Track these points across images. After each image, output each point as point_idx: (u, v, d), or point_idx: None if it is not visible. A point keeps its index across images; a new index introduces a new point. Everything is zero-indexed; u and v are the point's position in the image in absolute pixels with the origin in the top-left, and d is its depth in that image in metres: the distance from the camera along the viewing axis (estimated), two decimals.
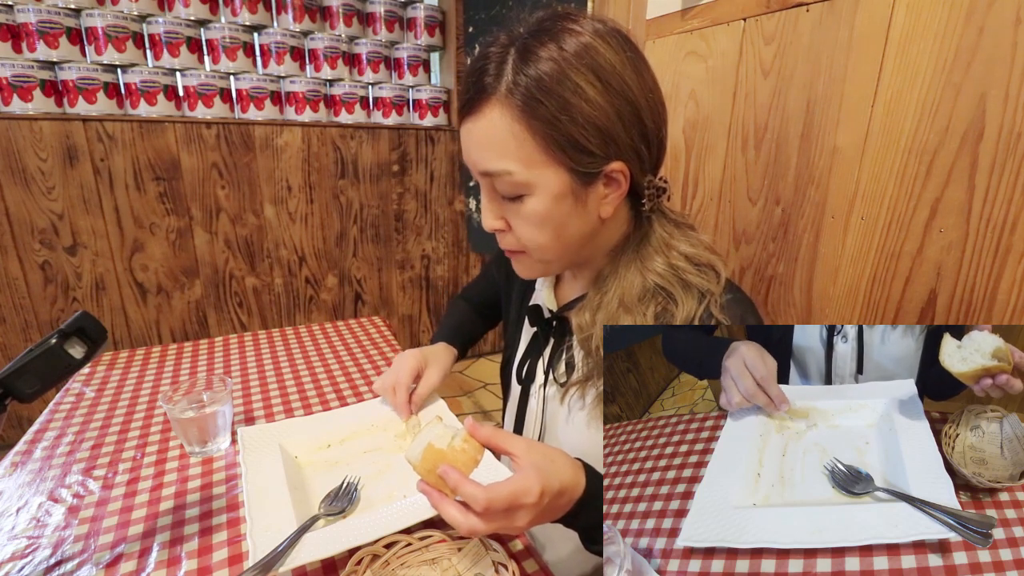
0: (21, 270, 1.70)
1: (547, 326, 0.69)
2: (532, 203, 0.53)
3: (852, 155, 0.92)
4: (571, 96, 0.49)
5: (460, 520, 0.46)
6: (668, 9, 1.26)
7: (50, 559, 0.54)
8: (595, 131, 0.50)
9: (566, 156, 0.51)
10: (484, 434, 0.49)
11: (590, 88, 0.49)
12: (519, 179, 0.52)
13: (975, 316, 0.79)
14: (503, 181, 0.53)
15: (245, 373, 0.95)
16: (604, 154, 0.52)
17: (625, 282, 0.58)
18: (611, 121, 0.51)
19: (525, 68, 0.49)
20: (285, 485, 0.60)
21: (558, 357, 0.67)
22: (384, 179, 2.22)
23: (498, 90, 0.50)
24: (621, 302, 0.57)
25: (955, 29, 0.77)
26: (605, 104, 0.50)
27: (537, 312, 0.71)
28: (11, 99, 1.62)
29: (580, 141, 0.50)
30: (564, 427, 0.66)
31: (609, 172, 0.53)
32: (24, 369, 0.45)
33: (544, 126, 0.49)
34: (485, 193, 0.58)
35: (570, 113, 0.49)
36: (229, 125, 1.89)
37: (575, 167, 0.52)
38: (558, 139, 0.50)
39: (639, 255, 0.58)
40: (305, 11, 1.99)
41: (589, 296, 0.61)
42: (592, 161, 0.52)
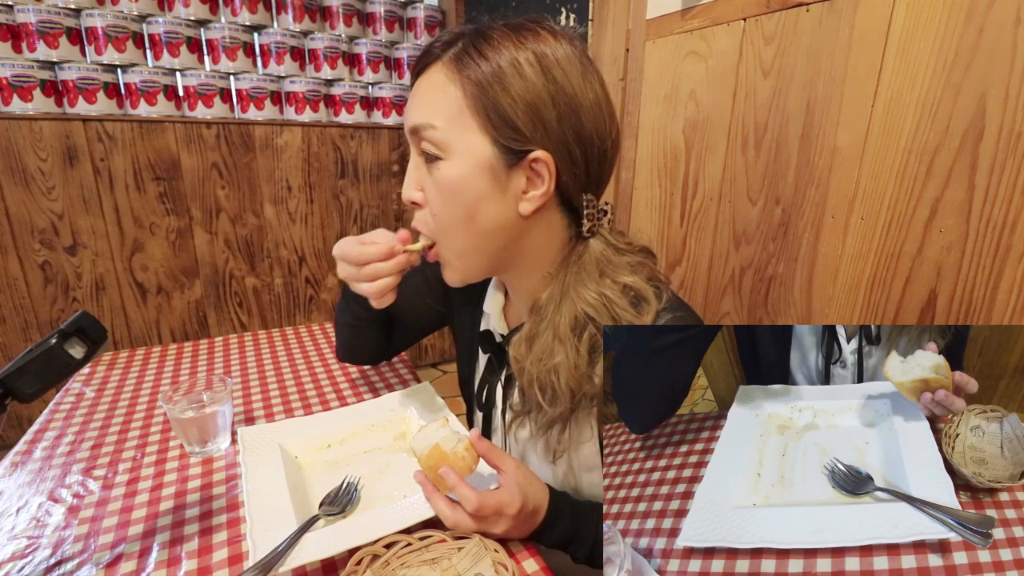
0: (21, 270, 1.70)
1: (499, 350, 0.68)
2: (447, 167, 0.52)
3: (852, 155, 0.92)
4: (507, 67, 0.49)
5: (448, 514, 0.53)
6: (668, 9, 1.26)
7: (50, 559, 0.54)
8: (525, 106, 0.49)
9: (491, 124, 0.50)
10: (483, 448, 0.56)
11: (528, 67, 0.49)
12: (439, 136, 0.51)
13: (975, 316, 0.79)
14: (426, 136, 0.52)
15: (245, 373, 0.95)
16: (531, 135, 0.50)
17: (561, 310, 0.55)
18: (543, 103, 0.50)
19: (474, 41, 0.51)
20: (285, 485, 0.60)
21: (513, 387, 0.66)
22: (384, 179, 2.22)
23: (444, 56, 0.52)
24: (556, 333, 0.55)
25: (955, 29, 0.77)
26: (540, 85, 0.49)
27: (488, 338, 0.70)
28: (11, 99, 1.62)
29: (507, 112, 0.49)
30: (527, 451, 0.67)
31: (534, 160, 0.51)
32: (24, 369, 0.45)
33: (475, 88, 0.49)
34: (411, 160, 0.56)
35: (503, 81, 0.49)
36: (229, 125, 1.89)
37: (499, 139, 0.50)
38: (486, 103, 0.50)
39: (574, 280, 0.55)
40: (305, 11, 1.99)
41: (527, 326, 0.58)
42: (517, 138, 0.50)
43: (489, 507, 0.52)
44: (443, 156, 0.52)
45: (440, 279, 0.65)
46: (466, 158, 0.51)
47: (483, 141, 0.51)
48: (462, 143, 0.51)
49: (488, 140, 0.51)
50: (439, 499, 0.54)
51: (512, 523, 0.53)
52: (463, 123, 0.50)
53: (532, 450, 0.66)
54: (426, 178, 0.54)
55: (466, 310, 0.75)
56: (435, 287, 0.78)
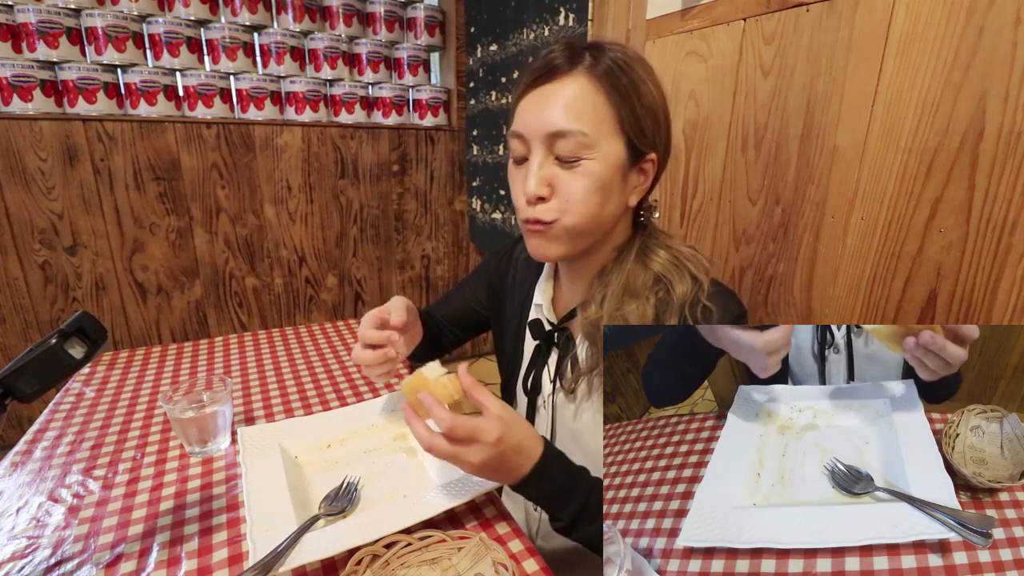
0: (21, 270, 1.70)
1: (549, 338, 0.71)
2: (591, 166, 0.58)
3: (852, 155, 0.92)
4: (639, 82, 0.58)
5: (424, 435, 0.54)
6: (668, 9, 1.26)
7: (50, 559, 0.54)
8: (651, 115, 0.59)
9: (630, 131, 0.58)
10: (467, 382, 0.56)
11: (649, 80, 0.59)
12: (589, 141, 0.57)
13: (975, 316, 0.79)
14: (572, 141, 0.57)
15: (245, 373, 0.95)
16: (652, 140, 0.60)
17: (629, 272, 0.63)
18: (659, 112, 0.60)
19: (602, 55, 0.58)
20: (285, 485, 0.60)
21: (565, 366, 0.69)
22: (384, 179, 2.22)
23: (580, 65, 0.58)
24: (626, 289, 0.63)
25: (955, 29, 0.77)
26: (659, 98, 0.60)
27: (538, 326, 0.73)
28: (11, 99, 1.62)
29: (641, 120, 0.59)
30: (572, 425, 0.69)
31: (647, 160, 0.61)
32: (24, 369, 0.45)
33: (621, 101, 0.57)
34: (537, 158, 0.59)
35: (638, 94, 0.58)
36: (229, 125, 1.89)
37: (633, 141, 0.59)
38: (627, 114, 0.58)
39: (643, 250, 0.65)
40: (305, 11, 1.99)
41: (593, 290, 0.65)
42: (645, 140, 0.60)
43: (463, 429, 0.52)
44: (586, 157, 0.58)
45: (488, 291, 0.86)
46: (606, 158, 0.58)
47: (620, 144, 0.59)
48: (605, 146, 0.58)
49: (623, 143, 0.59)
50: (417, 422, 0.55)
51: (490, 453, 0.53)
52: (607, 129, 0.58)
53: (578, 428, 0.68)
54: (559, 174, 0.59)
55: (513, 307, 0.80)
56: (481, 297, 0.89)
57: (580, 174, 0.58)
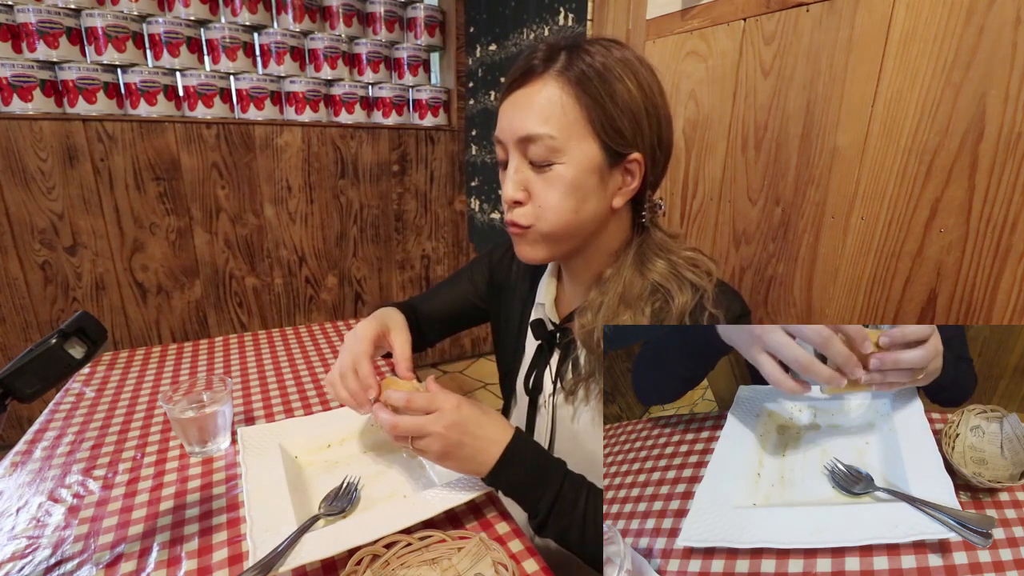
0: (21, 270, 1.70)
1: (551, 338, 0.71)
2: (561, 170, 0.57)
3: (852, 155, 0.92)
4: (615, 83, 0.56)
5: (384, 417, 0.57)
6: (668, 9, 1.26)
7: (50, 559, 0.54)
8: (629, 116, 0.57)
9: (603, 132, 0.57)
10: (434, 387, 0.60)
11: (629, 81, 0.57)
12: (557, 144, 0.56)
13: (975, 316, 0.79)
14: (541, 145, 0.57)
15: (245, 373, 0.95)
16: (631, 140, 0.58)
17: (626, 281, 0.62)
18: (640, 112, 0.58)
19: (577, 57, 0.57)
20: (285, 485, 0.60)
21: (566, 367, 0.69)
22: (384, 179, 2.22)
23: (552, 68, 0.57)
24: (622, 299, 0.61)
25: (955, 29, 0.77)
26: (639, 97, 0.57)
27: (540, 326, 0.73)
28: (11, 99, 1.62)
29: (616, 121, 0.57)
30: (571, 427, 0.69)
31: (630, 161, 0.59)
32: (24, 369, 0.45)
33: (591, 102, 0.56)
34: (514, 163, 0.60)
35: (612, 96, 0.56)
36: (229, 125, 1.89)
37: (608, 143, 0.57)
38: (599, 116, 0.56)
39: (640, 257, 0.63)
40: (305, 11, 1.99)
41: (591, 297, 0.64)
42: (622, 142, 0.58)
43: (421, 399, 0.56)
44: (557, 161, 0.57)
45: (489, 282, 0.84)
46: (578, 161, 0.57)
47: (593, 146, 0.57)
48: (576, 149, 0.57)
49: (597, 145, 0.57)
50: (381, 410, 0.59)
51: (451, 420, 0.55)
52: (577, 131, 0.57)
53: (577, 429, 0.68)
54: (533, 179, 0.59)
55: (515, 305, 0.79)
56: (481, 289, 0.87)
57: (551, 179, 0.58)
